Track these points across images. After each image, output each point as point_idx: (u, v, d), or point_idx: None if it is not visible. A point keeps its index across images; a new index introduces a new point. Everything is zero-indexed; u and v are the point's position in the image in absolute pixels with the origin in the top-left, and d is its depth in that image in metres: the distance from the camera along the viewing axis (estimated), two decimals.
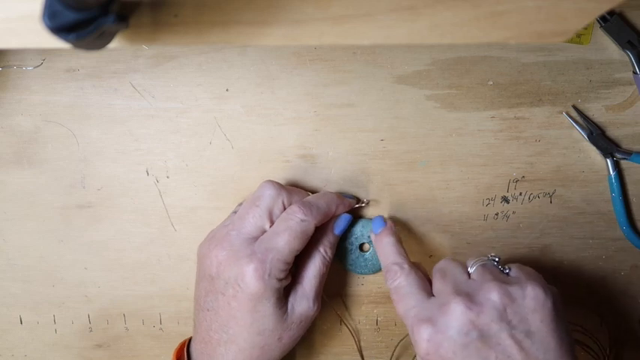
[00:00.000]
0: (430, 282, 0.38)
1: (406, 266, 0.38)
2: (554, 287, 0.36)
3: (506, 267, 0.37)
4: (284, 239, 0.37)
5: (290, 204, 0.39)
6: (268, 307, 0.38)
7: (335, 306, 0.47)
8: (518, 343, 0.33)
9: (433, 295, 0.37)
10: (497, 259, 0.38)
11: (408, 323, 0.36)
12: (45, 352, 0.47)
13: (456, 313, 0.33)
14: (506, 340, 0.33)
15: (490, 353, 0.33)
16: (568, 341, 0.34)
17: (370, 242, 0.44)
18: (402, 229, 0.45)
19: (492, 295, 0.34)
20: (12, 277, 0.46)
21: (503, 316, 0.33)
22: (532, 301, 0.34)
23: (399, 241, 0.41)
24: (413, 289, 0.37)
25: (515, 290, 0.34)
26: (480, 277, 0.36)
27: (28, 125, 0.44)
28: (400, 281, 0.38)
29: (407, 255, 0.40)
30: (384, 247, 0.40)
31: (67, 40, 0.22)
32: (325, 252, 0.41)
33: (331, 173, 0.45)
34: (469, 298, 0.34)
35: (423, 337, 0.34)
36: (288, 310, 0.39)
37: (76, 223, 0.45)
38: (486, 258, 0.38)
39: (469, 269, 0.37)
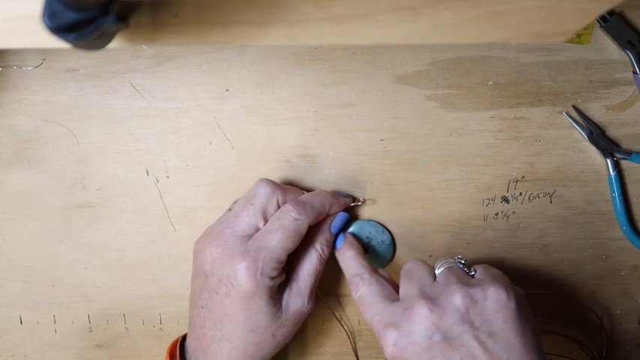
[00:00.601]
0: (395, 286, 0.39)
1: (366, 276, 0.39)
2: (519, 288, 0.36)
3: (472, 269, 0.38)
4: (277, 238, 0.38)
5: (285, 203, 0.40)
6: (261, 305, 0.38)
7: (333, 306, 0.47)
8: (482, 344, 0.33)
9: (398, 299, 0.37)
10: (463, 261, 0.39)
11: (375, 330, 0.36)
12: (45, 352, 0.47)
13: (420, 317, 0.34)
14: (469, 341, 0.33)
15: (454, 355, 0.33)
16: (534, 341, 0.34)
17: (368, 242, 0.45)
18: (401, 229, 0.45)
19: (454, 297, 0.34)
20: (12, 277, 0.46)
21: (465, 318, 0.34)
22: (494, 302, 0.34)
23: (360, 253, 0.41)
24: (375, 297, 0.37)
25: (476, 292, 0.35)
26: (445, 280, 0.36)
27: (28, 125, 0.44)
28: (362, 291, 0.38)
29: (368, 265, 0.40)
30: (345, 261, 0.41)
31: (67, 40, 0.22)
32: (322, 250, 0.41)
33: (331, 173, 0.45)
34: (432, 301, 0.34)
35: (388, 342, 0.34)
36: (283, 307, 0.39)
37: (76, 223, 0.45)
38: (453, 260, 0.38)
39: (435, 271, 0.38)
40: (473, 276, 0.37)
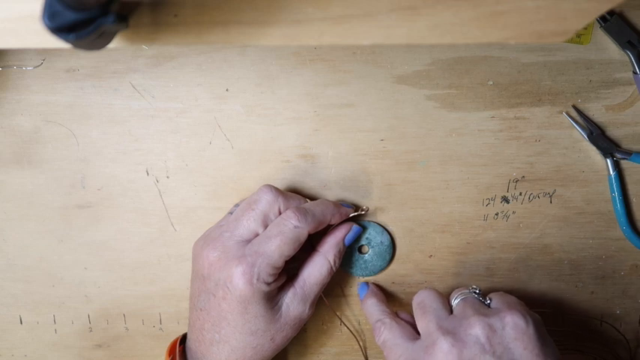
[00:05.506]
0: (413, 324, 0.39)
1: (387, 320, 0.40)
2: (535, 314, 0.37)
3: (487, 298, 0.39)
4: (275, 244, 0.37)
5: (286, 210, 0.39)
6: (259, 309, 0.38)
7: (335, 306, 0.47)
8: None
9: (419, 338, 0.38)
10: (477, 291, 0.39)
11: None
12: (45, 352, 0.47)
13: (442, 353, 0.34)
14: None
15: None
16: None
17: (369, 244, 0.45)
18: (401, 229, 0.45)
19: (474, 329, 0.35)
20: (12, 277, 0.46)
21: (486, 349, 0.34)
22: (512, 330, 0.35)
23: (381, 299, 0.43)
24: (397, 339, 0.38)
25: (495, 321, 0.35)
26: (461, 312, 0.37)
27: (28, 125, 0.44)
28: (385, 335, 0.39)
29: (389, 310, 0.42)
30: (368, 309, 0.43)
31: (67, 40, 0.22)
32: (334, 262, 0.41)
33: (331, 173, 0.45)
34: (452, 335, 0.35)
35: None
36: (282, 311, 0.39)
37: (76, 223, 0.45)
38: (467, 291, 0.39)
39: (452, 302, 0.39)
40: (489, 305, 0.38)
